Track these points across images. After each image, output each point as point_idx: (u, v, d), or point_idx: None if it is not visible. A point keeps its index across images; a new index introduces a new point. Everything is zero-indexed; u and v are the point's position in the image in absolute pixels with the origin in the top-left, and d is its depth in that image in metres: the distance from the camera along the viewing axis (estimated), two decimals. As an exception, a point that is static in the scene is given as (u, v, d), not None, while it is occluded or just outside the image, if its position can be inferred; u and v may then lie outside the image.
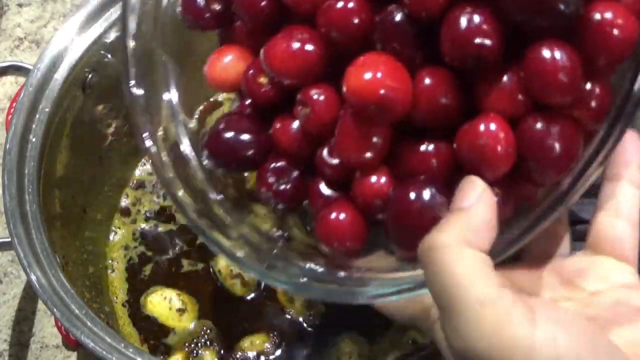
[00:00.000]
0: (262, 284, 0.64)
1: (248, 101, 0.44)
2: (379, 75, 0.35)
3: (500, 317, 0.30)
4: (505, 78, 0.35)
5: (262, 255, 0.42)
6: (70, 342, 0.70)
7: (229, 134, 0.43)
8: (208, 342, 0.63)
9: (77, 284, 0.61)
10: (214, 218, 0.43)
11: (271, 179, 0.43)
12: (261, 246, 0.43)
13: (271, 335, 0.62)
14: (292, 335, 0.62)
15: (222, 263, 0.65)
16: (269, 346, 0.61)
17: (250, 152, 0.43)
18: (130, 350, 0.51)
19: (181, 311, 0.64)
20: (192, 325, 0.64)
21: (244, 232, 0.43)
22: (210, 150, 0.44)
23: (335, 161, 0.40)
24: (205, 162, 0.45)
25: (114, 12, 0.64)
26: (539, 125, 0.34)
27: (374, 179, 0.38)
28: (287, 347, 0.61)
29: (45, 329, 0.72)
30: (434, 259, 0.32)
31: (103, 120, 0.69)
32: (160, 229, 0.70)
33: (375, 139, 0.37)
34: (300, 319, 0.62)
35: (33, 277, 0.54)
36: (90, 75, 0.64)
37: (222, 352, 0.62)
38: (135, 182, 0.73)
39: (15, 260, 0.74)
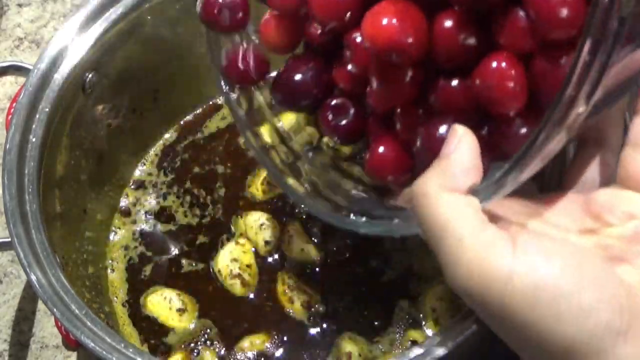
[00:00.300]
0: (259, 284, 0.64)
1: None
2: (393, 21, 0.37)
3: (479, 251, 0.32)
4: (513, 17, 0.36)
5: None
6: (70, 342, 0.70)
7: (294, 75, 0.47)
8: (208, 342, 0.63)
9: (77, 284, 0.61)
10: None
11: (331, 116, 0.47)
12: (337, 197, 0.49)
13: (271, 335, 0.62)
14: (292, 335, 0.62)
15: (222, 263, 0.65)
16: (269, 346, 0.61)
17: (312, 91, 0.47)
18: (130, 350, 0.51)
19: (181, 311, 0.64)
20: (192, 325, 0.64)
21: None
22: (277, 90, 0.49)
23: None
24: (273, 102, 0.50)
25: (114, 12, 0.64)
26: (547, 61, 0.35)
27: (407, 116, 0.42)
28: (287, 347, 0.61)
29: (45, 329, 0.72)
30: (418, 206, 0.35)
31: (103, 120, 0.69)
32: (160, 228, 0.70)
33: (399, 80, 0.40)
34: (301, 319, 0.62)
35: (33, 277, 0.54)
36: (90, 75, 0.64)
37: (222, 352, 0.62)
38: (135, 182, 0.73)
39: (15, 260, 0.74)
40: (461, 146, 0.35)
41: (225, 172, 0.72)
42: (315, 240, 0.65)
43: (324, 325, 0.62)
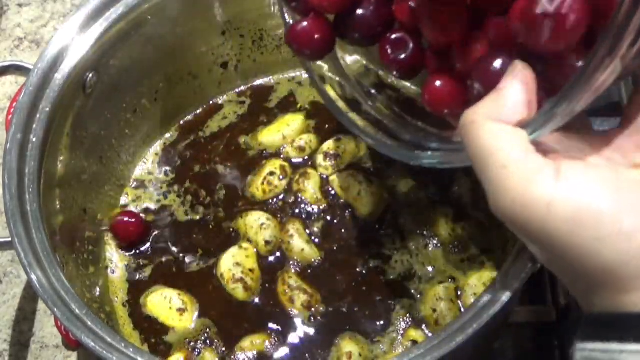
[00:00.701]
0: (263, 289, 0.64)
1: None
2: None
3: (522, 178, 0.33)
4: None
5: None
6: (71, 342, 0.70)
7: (355, 10, 0.49)
8: (208, 342, 0.63)
9: (77, 283, 0.61)
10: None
11: (390, 50, 0.48)
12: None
13: (272, 335, 0.62)
14: (292, 335, 0.62)
15: (224, 267, 0.65)
16: (270, 346, 0.61)
17: (373, 25, 0.49)
18: (131, 350, 0.51)
19: (181, 310, 0.64)
20: (192, 325, 0.64)
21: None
22: (339, 25, 0.50)
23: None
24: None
25: (114, 12, 0.64)
26: None
27: (463, 51, 0.43)
28: (287, 347, 0.61)
29: (45, 329, 0.72)
30: (466, 133, 0.36)
31: (103, 120, 0.69)
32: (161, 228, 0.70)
33: (449, 19, 0.42)
34: (301, 319, 0.62)
35: (33, 277, 0.54)
36: (90, 75, 0.64)
37: (222, 351, 0.62)
38: (135, 181, 0.73)
39: (15, 260, 0.74)
40: (516, 80, 0.36)
41: (226, 172, 0.72)
42: (316, 240, 0.65)
43: (325, 325, 0.62)
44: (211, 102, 0.77)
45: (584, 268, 0.34)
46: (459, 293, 0.62)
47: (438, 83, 0.46)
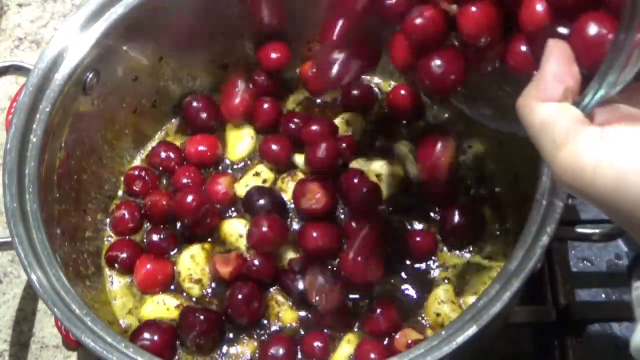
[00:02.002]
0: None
1: None
2: None
3: (569, 149, 0.37)
4: None
5: None
6: (70, 342, 0.70)
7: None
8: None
9: (77, 283, 0.61)
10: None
11: None
12: None
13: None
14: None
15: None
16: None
17: None
18: (131, 350, 0.51)
19: (179, 305, 0.64)
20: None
21: None
22: None
23: None
24: None
25: (114, 12, 0.64)
26: None
27: None
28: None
29: (45, 329, 0.72)
30: (520, 117, 0.40)
31: (103, 120, 0.69)
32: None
33: None
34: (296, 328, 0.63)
35: (33, 277, 0.54)
36: (90, 75, 0.64)
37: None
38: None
39: (15, 260, 0.74)
40: (550, 57, 0.39)
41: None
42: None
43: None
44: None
45: (632, 224, 0.36)
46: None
47: (474, 9, 0.48)
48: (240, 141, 0.73)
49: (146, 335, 0.61)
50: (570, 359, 0.64)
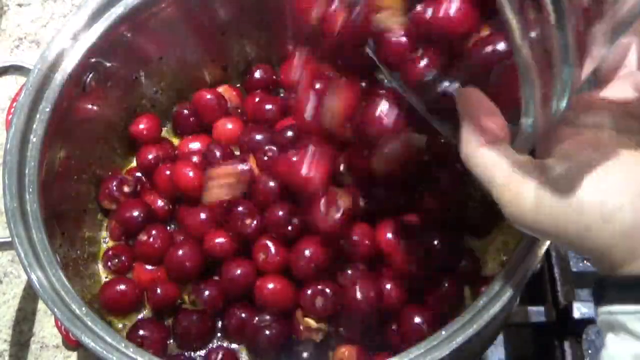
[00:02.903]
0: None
1: None
2: None
3: (512, 191, 0.38)
4: None
5: None
6: (70, 342, 0.70)
7: None
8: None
9: (77, 283, 0.61)
10: None
11: None
12: None
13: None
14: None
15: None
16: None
17: None
18: (131, 350, 0.51)
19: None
20: None
21: None
22: None
23: None
24: None
25: (114, 12, 0.64)
26: None
27: None
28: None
29: (45, 329, 0.72)
30: (465, 165, 0.41)
31: (103, 120, 0.69)
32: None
33: None
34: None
35: (33, 277, 0.54)
36: (90, 75, 0.64)
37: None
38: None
39: (15, 260, 0.74)
40: (463, 112, 0.40)
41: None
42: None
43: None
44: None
45: (581, 251, 0.38)
46: None
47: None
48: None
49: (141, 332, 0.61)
50: (570, 359, 0.64)
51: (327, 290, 0.58)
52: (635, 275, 0.35)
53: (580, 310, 0.64)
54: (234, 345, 0.63)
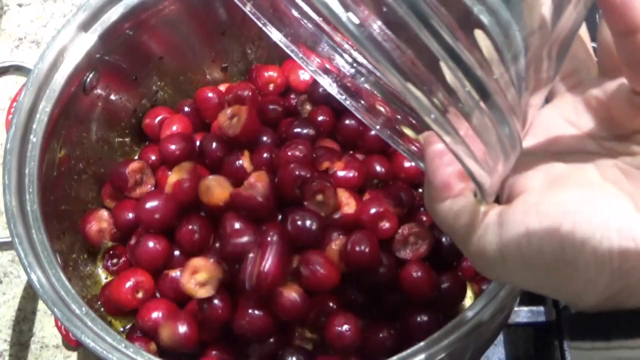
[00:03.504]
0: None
1: None
2: None
3: (475, 245, 0.37)
4: None
5: None
6: (70, 342, 0.70)
7: None
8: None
9: (77, 283, 0.61)
10: None
11: None
12: None
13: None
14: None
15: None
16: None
17: None
18: (131, 350, 0.51)
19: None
20: None
21: None
22: None
23: None
24: None
25: (114, 12, 0.64)
26: None
27: None
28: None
29: (45, 329, 0.72)
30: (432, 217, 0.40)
31: (103, 120, 0.69)
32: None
33: None
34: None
35: (33, 277, 0.54)
36: (90, 75, 0.64)
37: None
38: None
39: (16, 260, 0.74)
40: (429, 160, 0.38)
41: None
42: None
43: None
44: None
45: (549, 295, 0.38)
46: None
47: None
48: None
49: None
50: (571, 359, 0.64)
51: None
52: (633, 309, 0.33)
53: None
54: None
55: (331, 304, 0.58)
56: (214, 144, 0.66)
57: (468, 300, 0.63)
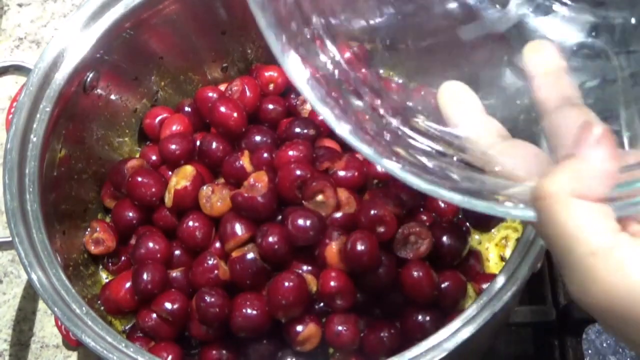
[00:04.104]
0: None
1: None
2: None
3: (615, 267, 0.29)
4: None
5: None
6: (71, 342, 0.70)
7: None
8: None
9: (77, 283, 0.61)
10: None
11: None
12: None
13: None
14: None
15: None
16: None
17: None
18: (131, 349, 0.51)
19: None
20: None
21: None
22: None
23: None
24: None
25: (114, 12, 0.64)
26: None
27: None
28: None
29: (45, 328, 0.72)
30: (544, 208, 0.31)
31: (103, 120, 0.69)
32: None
33: None
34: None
35: (34, 277, 0.54)
36: (90, 75, 0.64)
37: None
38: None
39: (16, 259, 0.74)
40: (599, 148, 0.31)
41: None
42: None
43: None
44: (211, 102, 0.77)
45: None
46: None
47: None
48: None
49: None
50: (570, 359, 0.64)
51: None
52: None
53: (580, 310, 0.64)
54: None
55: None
56: (214, 144, 0.67)
57: (468, 300, 0.63)
